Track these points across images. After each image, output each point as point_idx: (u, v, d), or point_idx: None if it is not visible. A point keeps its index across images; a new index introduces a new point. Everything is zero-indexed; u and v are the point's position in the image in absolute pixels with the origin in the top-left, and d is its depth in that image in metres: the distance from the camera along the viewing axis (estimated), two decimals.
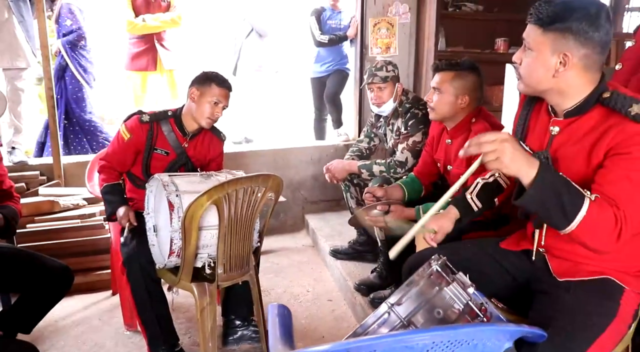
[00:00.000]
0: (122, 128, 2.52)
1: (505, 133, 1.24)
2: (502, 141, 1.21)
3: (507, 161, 1.21)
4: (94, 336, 2.67)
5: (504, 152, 1.20)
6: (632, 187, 1.26)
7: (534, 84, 1.43)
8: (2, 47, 3.53)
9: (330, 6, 4.54)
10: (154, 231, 2.27)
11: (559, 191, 1.22)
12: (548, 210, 1.25)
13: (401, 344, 0.98)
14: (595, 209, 1.23)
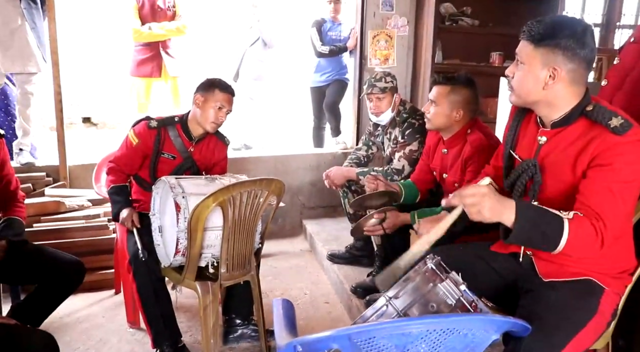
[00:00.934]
0: (131, 133, 2.62)
1: (484, 187, 1.37)
2: (482, 196, 1.34)
3: (487, 213, 1.34)
4: (98, 332, 2.76)
5: (484, 206, 1.33)
6: (612, 197, 1.38)
7: (524, 95, 1.54)
8: (14, 52, 3.64)
9: (331, 18, 4.67)
10: (159, 231, 2.37)
11: (539, 225, 1.35)
12: (535, 243, 1.41)
13: (398, 331, 1.08)
14: (575, 227, 1.35)
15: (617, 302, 1.57)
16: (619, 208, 1.39)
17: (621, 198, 1.38)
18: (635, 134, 1.38)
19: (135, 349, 2.60)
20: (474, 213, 1.34)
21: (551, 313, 1.44)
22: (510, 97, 1.60)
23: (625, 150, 1.37)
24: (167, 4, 4.39)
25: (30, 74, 3.76)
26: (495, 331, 1.19)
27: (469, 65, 4.52)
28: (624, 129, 1.37)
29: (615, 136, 1.39)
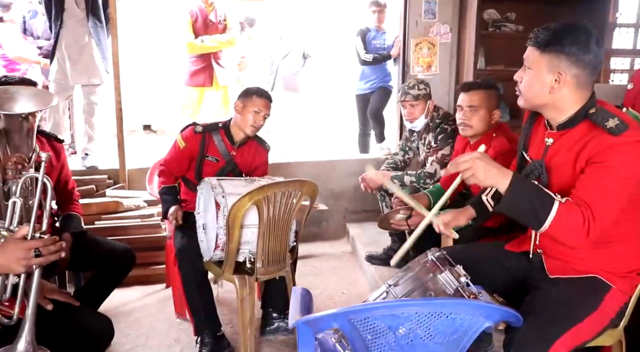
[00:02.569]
0: (179, 138, 2.86)
1: (478, 152, 1.48)
2: (474, 159, 1.45)
3: (481, 176, 1.45)
4: (149, 320, 2.99)
5: (477, 169, 1.45)
6: (604, 192, 1.45)
7: (532, 99, 1.63)
8: (81, 66, 4.01)
9: (375, 27, 4.81)
10: (203, 228, 2.58)
11: (530, 197, 1.45)
12: (522, 214, 1.49)
13: (389, 312, 1.21)
14: (564, 210, 1.43)
15: (624, 300, 1.62)
16: (611, 203, 1.45)
17: (613, 194, 1.45)
18: (630, 136, 1.44)
19: (180, 337, 2.81)
20: (469, 177, 1.46)
21: (549, 306, 1.52)
22: (519, 100, 1.69)
23: (620, 150, 1.44)
24: (218, 17, 4.67)
25: (94, 86, 4.11)
26: (485, 318, 1.28)
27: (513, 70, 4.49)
28: (619, 130, 1.44)
29: (610, 137, 1.46)
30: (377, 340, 1.27)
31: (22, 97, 2.23)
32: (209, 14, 4.64)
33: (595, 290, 1.58)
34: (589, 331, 1.52)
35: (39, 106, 2.25)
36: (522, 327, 1.41)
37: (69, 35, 3.99)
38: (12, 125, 2.20)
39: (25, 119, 2.21)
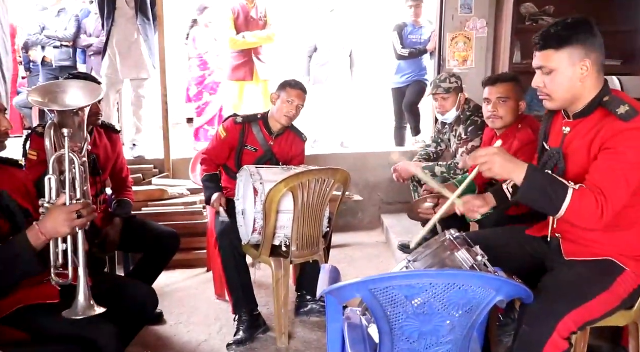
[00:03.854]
0: (220, 128, 3.03)
1: (495, 148, 1.58)
2: (492, 155, 1.56)
3: (497, 170, 1.56)
4: (191, 300, 3.20)
5: (494, 163, 1.55)
6: (615, 176, 1.53)
7: (564, 96, 1.69)
8: (130, 62, 4.26)
9: (412, 22, 4.88)
10: (242, 214, 2.75)
11: (545, 187, 1.55)
12: (539, 203, 1.59)
13: (406, 282, 1.33)
14: (578, 196, 1.52)
15: (638, 283, 1.68)
16: (621, 186, 1.54)
17: (624, 178, 1.53)
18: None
19: (220, 316, 3.00)
20: (486, 171, 1.57)
21: (562, 284, 1.61)
22: (547, 104, 1.76)
23: (629, 136, 1.53)
24: (259, 14, 4.85)
25: (142, 80, 4.36)
26: (496, 291, 1.38)
27: None
28: (629, 116, 1.53)
29: (621, 122, 1.54)
30: (395, 309, 1.39)
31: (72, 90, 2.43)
32: (250, 10, 4.82)
33: (608, 272, 1.66)
34: (598, 309, 1.60)
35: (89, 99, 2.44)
36: (534, 303, 1.50)
37: (120, 33, 4.25)
38: (65, 119, 2.41)
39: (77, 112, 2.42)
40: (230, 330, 2.79)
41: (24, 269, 1.62)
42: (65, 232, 1.63)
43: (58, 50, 5.92)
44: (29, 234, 1.60)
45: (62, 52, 5.94)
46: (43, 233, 1.60)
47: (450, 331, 1.43)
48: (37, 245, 1.60)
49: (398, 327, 1.42)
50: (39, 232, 1.60)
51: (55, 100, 2.29)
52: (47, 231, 1.60)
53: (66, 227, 1.61)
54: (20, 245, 1.59)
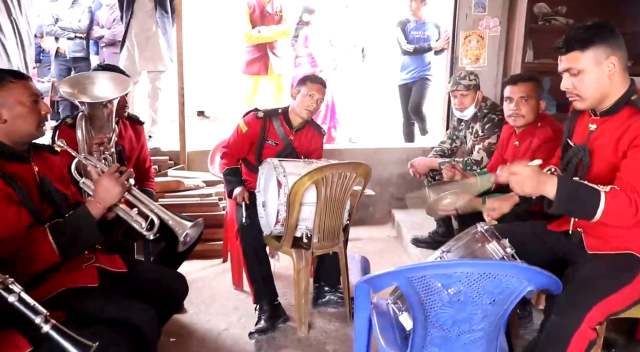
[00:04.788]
0: (241, 122, 3.08)
1: (528, 168, 1.63)
2: (525, 177, 1.61)
3: (529, 191, 1.62)
4: (209, 290, 3.26)
5: (526, 185, 1.61)
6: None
7: (594, 94, 1.75)
8: (148, 54, 4.31)
9: (414, 18, 4.93)
10: (263, 206, 2.80)
11: (578, 196, 1.61)
12: (574, 212, 1.68)
13: (443, 271, 1.39)
14: (610, 198, 1.59)
15: None
16: None
17: None
18: None
19: (238, 305, 3.06)
20: (518, 189, 1.62)
21: (587, 277, 1.67)
22: (578, 104, 1.81)
23: None
24: (274, 9, 4.90)
25: (159, 72, 4.41)
26: (527, 281, 1.44)
27: None
28: None
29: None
30: (431, 297, 1.46)
31: (101, 81, 2.50)
32: (266, 5, 4.87)
33: (630, 265, 1.72)
34: (622, 302, 1.66)
35: (117, 91, 2.51)
36: (562, 295, 1.57)
37: (138, 25, 4.30)
38: (95, 110, 2.47)
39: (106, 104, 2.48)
40: (249, 319, 2.85)
41: (87, 239, 1.75)
42: (118, 191, 1.78)
43: (71, 42, 5.98)
44: (88, 205, 1.75)
45: (76, 43, 6.01)
46: (99, 202, 1.75)
47: (482, 318, 1.49)
48: (96, 215, 1.75)
49: (433, 314, 1.48)
50: (96, 202, 1.76)
51: (85, 91, 2.37)
52: (103, 198, 1.76)
53: (117, 186, 1.77)
54: (82, 217, 1.73)
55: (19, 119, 1.74)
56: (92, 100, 2.35)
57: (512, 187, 1.64)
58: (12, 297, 1.19)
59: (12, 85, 1.71)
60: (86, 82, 2.35)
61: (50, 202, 1.81)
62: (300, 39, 5.33)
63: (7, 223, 1.62)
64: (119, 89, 2.40)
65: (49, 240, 1.65)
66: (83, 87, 2.31)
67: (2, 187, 1.64)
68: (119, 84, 2.41)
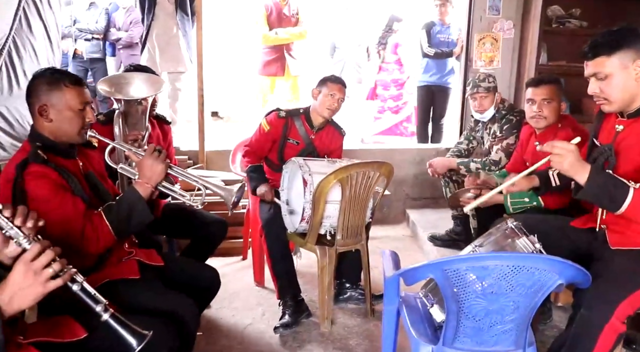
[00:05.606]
0: (264, 121, 3.15)
1: (572, 145, 1.69)
2: (568, 151, 1.67)
3: (566, 165, 1.68)
4: (231, 286, 3.32)
5: (566, 159, 1.67)
6: None
7: (623, 96, 1.81)
8: (168, 56, 4.41)
9: (439, 21, 5.00)
10: (286, 203, 2.87)
11: (607, 187, 1.67)
12: (601, 201, 1.73)
13: (478, 263, 1.46)
14: (638, 195, 1.63)
15: None
16: None
17: None
18: None
19: (260, 302, 3.13)
20: (556, 163, 1.69)
21: (613, 273, 1.73)
22: (606, 107, 1.88)
23: None
24: (291, 11, 4.98)
25: (179, 73, 4.49)
26: (558, 274, 1.50)
27: (575, 66, 4.61)
28: None
29: None
30: (465, 289, 1.52)
31: (136, 81, 2.60)
32: (283, 7, 4.95)
33: None
34: None
35: (151, 90, 2.60)
36: (591, 289, 1.63)
37: (159, 27, 4.40)
38: (130, 108, 2.56)
39: (140, 102, 2.57)
40: (272, 315, 2.92)
41: (139, 219, 1.85)
42: (162, 169, 1.89)
43: (89, 43, 6.07)
44: (136, 187, 1.85)
45: (93, 44, 6.09)
46: (147, 181, 1.87)
47: (514, 310, 1.55)
48: (145, 195, 1.86)
49: (466, 305, 1.54)
50: (143, 183, 1.87)
51: (121, 90, 2.46)
52: (149, 178, 1.87)
53: (160, 164, 1.88)
54: (133, 198, 1.84)
55: (64, 121, 1.81)
56: (127, 97, 2.44)
57: (551, 160, 1.69)
58: (75, 286, 1.26)
59: (66, 89, 1.78)
60: (123, 81, 2.44)
61: (97, 194, 1.89)
62: (389, 46, 5.62)
63: (66, 210, 1.71)
64: (153, 89, 2.49)
65: (105, 222, 1.77)
66: (120, 86, 2.40)
67: (57, 179, 1.73)
68: (153, 84, 2.49)
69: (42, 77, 1.80)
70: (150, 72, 2.72)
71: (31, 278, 1.17)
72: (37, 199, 1.68)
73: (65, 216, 1.72)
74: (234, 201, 2.07)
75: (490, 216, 2.72)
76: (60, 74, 1.81)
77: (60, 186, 1.76)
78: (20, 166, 1.71)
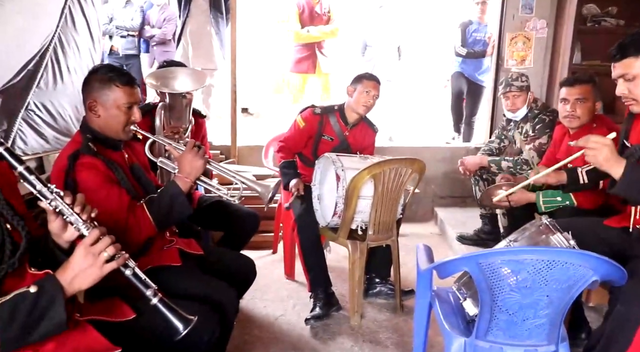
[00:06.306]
0: (299, 118, 3.21)
1: (608, 139, 1.70)
2: (604, 145, 1.68)
3: (601, 159, 1.70)
4: (262, 280, 3.37)
5: (601, 153, 1.69)
6: None
7: None
8: (201, 52, 4.51)
9: (478, 19, 5.00)
10: (318, 199, 2.93)
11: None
12: (636, 196, 1.74)
13: (514, 257, 1.49)
14: None
15: None
16: None
17: None
18: None
19: (291, 294, 3.20)
20: (591, 156, 1.71)
21: None
22: (634, 108, 1.90)
23: None
24: (323, 9, 5.03)
25: (212, 70, 4.58)
26: (594, 270, 1.52)
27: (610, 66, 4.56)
28: None
29: None
30: (499, 282, 1.55)
31: (181, 75, 2.69)
32: (315, 6, 5.01)
33: None
34: None
35: (196, 84, 2.70)
36: (628, 285, 1.63)
37: (193, 24, 4.51)
38: (174, 101, 2.66)
39: (185, 95, 2.66)
40: (303, 307, 2.98)
41: (179, 211, 1.93)
42: (201, 164, 1.96)
43: (124, 40, 6.21)
44: (177, 181, 1.93)
45: (128, 41, 6.23)
46: (186, 176, 1.94)
47: (547, 305, 1.57)
48: (185, 189, 1.94)
49: (500, 299, 1.57)
50: (183, 177, 1.94)
51: (167, 84, 2.56)
52: (189, 172, 1.95)
53: (199, 159, 1.95)
54: (173, 192, 1.92)
55: (111, 119, 1.89)
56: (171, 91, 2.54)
57: (586, 154, 1.71)
58: (128, 271, 1.33)
59: (116, 88, 1.86)
60: (169, 75, 2.53)
61: (140, 185, 1.98)
62: None
63: (112, 200, 1.80)
64: (198, 83, 2.58)
65: (147, 214, 1.85)
66: (166, 80, 2.49)
67: (104, 170, 1.81)
68: (197, 78, 2.59)
69: (97, 73, 1.88)
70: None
71: (90, 261, 1.25)
72: (86, 189, 1.76)
73: (111, 206, 1.80)
74: (269, 196, 2.12)
75: (522, 215, 2.74)
76: (114, 73, 1.87)
77: (108, 178, 1.85)
78: (72, 157, 1.80)
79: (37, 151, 3.08)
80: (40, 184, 1.27)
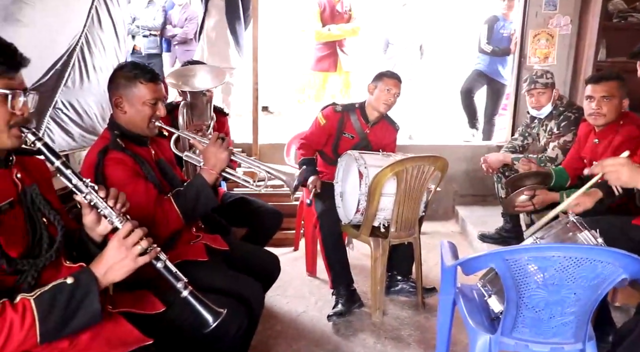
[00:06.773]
0: (320, 115, 3.22)
1: (622, 158, 1.68)
2: (620, 165, 1.67)
3: (625, 178, 1.67)
4: (284, 276, 3.31)
5: (622, 173, 1.67)
6: None
7: None
8: (216, 50, 4.58)
9: (503, 15, 4.97)
10: (340, 196, 2.94)
11: None
12: None
13: (541, 253, 1.48)
14: None
15: None
16: None
17: None
18: None
19: (312, 291, 3.21)
20: (614, 179, 1.68)
21: None
22: None
23: None
24: (344, 8, 5.04)
25: (229, 68, 4.63)
26: (623, 268, 1.51)
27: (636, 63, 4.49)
28: None
29: None
30: (526, 279, 1.55)
31: (201, 72, 2.72)
32: (336, 4, 5.02)
33: None
34: None
35: (215, 80, 2.73)
36: None
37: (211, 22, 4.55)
38: (196, 99, 2.69)
39: (205, 93, 2.69)
40: (325, 304, 3.00)
41: (206, 204, 1.97)
42: (226, 156, 2.00)
43: (147, 39, 6.30)
44: (202, 174, 1.97)
45: (150, 40, 6.32)
46: (212, 168, 1.98)
47: (574, 302, 1.57)
48: (211, 181, 1.98)
49: (527, 296, 1.57)
50: (208, 170, 1.98)
51: (187, 82, 2.59)
52: (214, 165, 1.98)
53: (224, 152, 1.99)
54: (199, 184, 1.95)
55: (136, 114, 1.94)
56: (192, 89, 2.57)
57: (607, 178, 1.70)
58: (159, 264, 1.36)
59: (141, 85, 1.90)
60: (189, 74, 2.56)
61: (167, 180, 2.01)
62: None
63: (139, 195, 1.84)
64: (217, 80, 2.61)
65: (174, 207, 1.89)
66: (186, 79, 2.52)
67: (132, 165, 1.85)
68: (217, 75, 2.61)
69: (122, 70, 1.92)
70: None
71: (124, 253, 1.28)
72: (115, 184, 1.79)
73: (139, 200, 1.83)
74: (295, 184, 2.16)
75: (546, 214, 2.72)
76: (139, 70, 1.91)
77: (135, 172, 1.89)
78: (101, 152, 1.84)
79: (64, 149, 3.14)
80: (75, 178, 1.30)
